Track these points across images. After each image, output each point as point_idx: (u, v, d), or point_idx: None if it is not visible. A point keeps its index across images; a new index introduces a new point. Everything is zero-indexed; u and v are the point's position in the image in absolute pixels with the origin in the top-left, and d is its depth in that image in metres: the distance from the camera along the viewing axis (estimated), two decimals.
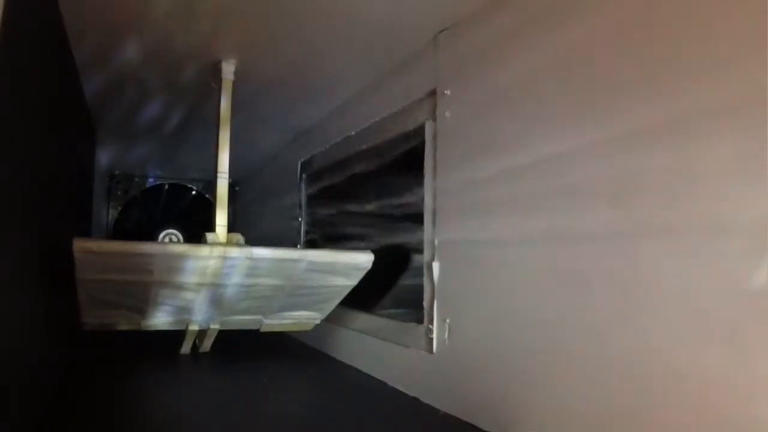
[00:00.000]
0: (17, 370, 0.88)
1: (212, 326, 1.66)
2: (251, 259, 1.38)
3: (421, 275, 1.38)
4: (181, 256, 1.33)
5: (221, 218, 1.58)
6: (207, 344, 1.78)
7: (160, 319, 1.56)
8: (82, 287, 1.34)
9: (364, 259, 1.50)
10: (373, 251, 1.52)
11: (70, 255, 1.21)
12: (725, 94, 0.73)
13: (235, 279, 1.43)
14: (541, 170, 1.03)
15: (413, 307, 1.40)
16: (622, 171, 0.87)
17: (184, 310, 1.54)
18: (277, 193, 2.67)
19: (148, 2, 1.22)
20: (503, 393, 1.08)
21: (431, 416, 1.24)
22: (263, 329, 1.71)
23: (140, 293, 1.43)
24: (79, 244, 1.20)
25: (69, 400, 1.30)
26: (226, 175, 1.62)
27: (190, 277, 1.39)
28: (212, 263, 1.36)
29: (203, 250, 1.35)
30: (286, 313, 1.68)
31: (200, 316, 1.60)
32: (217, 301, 1.53)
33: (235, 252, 1.37)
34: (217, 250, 1.35)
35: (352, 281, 1.56)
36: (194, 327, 1.64)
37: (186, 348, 1.79)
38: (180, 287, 1.43)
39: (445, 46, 1.34)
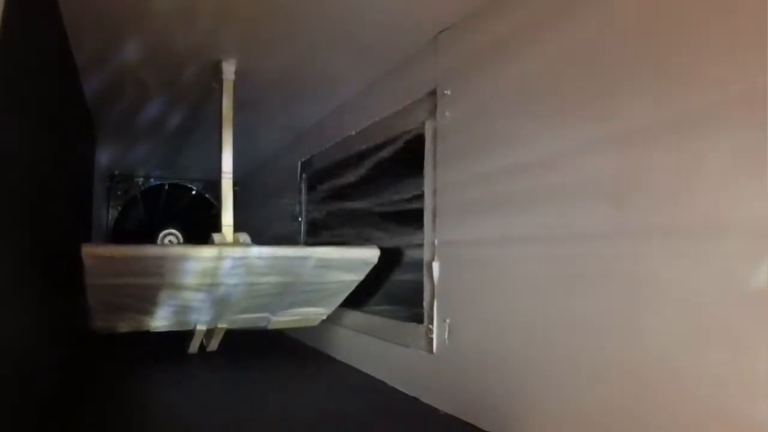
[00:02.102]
0: (18, 369, 0.88)
1: (220, 325, 1.67)
2: (260, 258, 1.38)
3: (413, 272, 1.38)
4: (191, 258, 1.33)
5: (227, 218, 1.59)
6: (214, 344, 1.79)
7: (169, 320, 1.56)
8: (92, 293, 1.33)
9: (371, 254, 1.51)
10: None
11: (70, 255, 1.21)
12: (725, 94, 0.73)
13: (245, 278, 1.44)
14: (541, 170, 1.03)
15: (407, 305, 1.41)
16: (621, 170, 0.87)
17: (192, 310, 1.55)
18: (277, 193, 2.67)
19: (148, 2, 1.22)
20: (503, 393, 1.08)
21: (431, 416, 1.24)
22: (270, 326, 1.72)
23: (150, 295, 1.43)
24: (88, 251, 1.18)
25: (71, 399, 1.30)
26: (230, 175, 1.62)
27: (199, 278, 1.39)
28: (222, 264, 1.37)
29: (213, 252, 1.35)
30: (294, 310, 1.69)
31: (208, 316, 1.61)
32: (225, 300, 1.53)
33: (243, 252, 1.37)
34: (227, 251, 1.35)
35: (359, 276, 1.57)
36: (202, 327, 1.64)
37: (194, 347, 1.79)
38: (189, 288, 1.43)
39: (445, 46, 1.34)
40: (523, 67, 1.10)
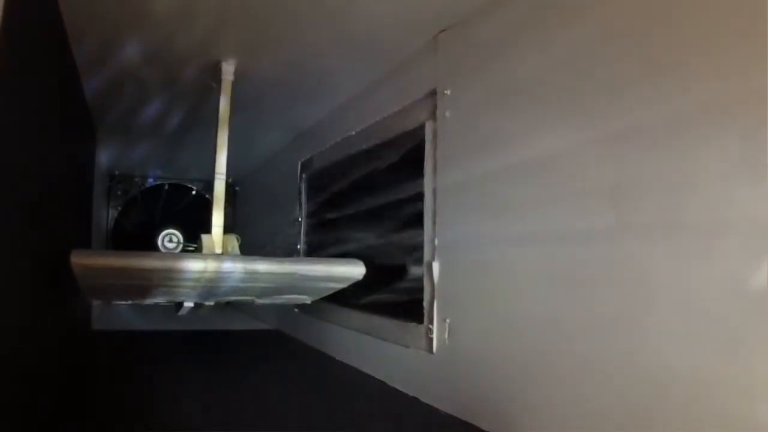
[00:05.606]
0: (18, 369, 0.88)
1: (207, 303, 1.69)
2: (245, 273, 1.39)
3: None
4: (178, 270, 1.34)
5: (218, 219, 1.59)
6: (205, 309, 1.81)
7: (159, 299, 1.59)
8: (84, 288, 1.38)
9: (357, 272, 1.49)
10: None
11: (69, 257, 1.21)
12: (725, 95, 0.73)
13: (231, 283, 1.45)
14: (541, 170, 1.03)
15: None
16: (622, 171, 0.87)
17: (182, 295, 1.57)
18: (277, 193, 2.67)
19: (148, 2, 1.22)
20: (503, 393, 1.08)
21: (431, 416, 1.24)
22: (256, 304, 1.76)
23: (138, 291, 1.46)
24: (77, 261, 1.19)
25: (71, 401, 1.30)
26: (224, 176, 1.62)
27: (187, 283, 1.41)
28: (207, 275, 1.37)
29: (198, 265, 1.35)
30: (278, 297, 1.72)
31: (197, 298, 1.63)
32: (213, 294, 1.55)
33: (229, 266, 1.37)
34: (212, 265, 1.35)
35: (344, 285, 1.57)
36: (190, 304, 1.66)
37: (183, 312, 1.80)
38: (177, 287, 1.44)
39: (445, 46, 1.34)
40: (523, 68, 1.09)
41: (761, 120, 0.68)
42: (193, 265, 1.34)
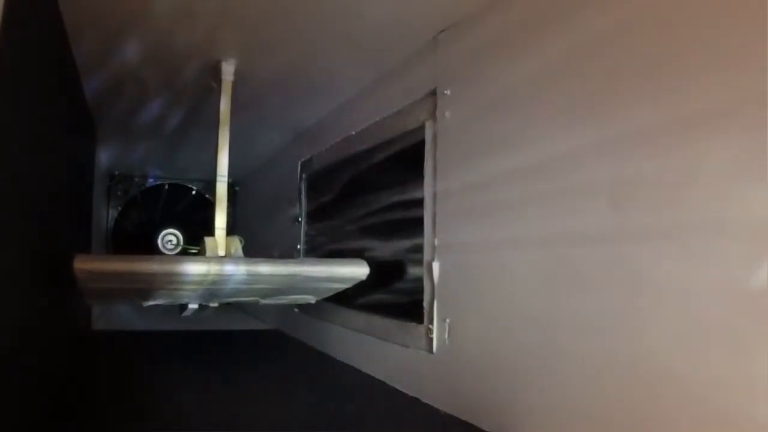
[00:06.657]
0: (17, 369, 0.88)
1: (211, 305, 1.69)
2: (248, 275, 1.39)
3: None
4: (181, 273, 1.34)
5: (220, 221, 1.59)
6: (208, 312, 1.81)
7: (161, 300, 1.59)
8: (83, 290, 1.37)
9: (361, 272, 1.49)
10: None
11: (70, 255, 1.21)
12: (725, 95, 0.73)
13: (234, 285, 1.45)
14: (541, 171, 1.03)
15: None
16: (622, 172, 0.87)
17: (185, 298, 1.57)
18: (277, 193, 2.67)
19: (148, 2, 1.22)
20: (503, 393, 1.08)
21: (432, 416, 1.24)
22: (260, 305, 1.76)
23: (141, 294, 1.45)
24: (80, 266, 1.20)
25: (70, 401, 1.30)
26: (226, 178, 1.62)
27: (189, 285, 1.41)
28: (210, 278, 1.38)
29: (201, 268, 1.35)
30: (283, 297, 1.72)
31: (201, 300, 1.63)
32: (216, 295, 1.55)
33: (232, 268, 1.37)
34: (215, 268, 1.35)
35: (348, 285, 1.57)
36: (194, 306, 1.66)
37: (188, 313, 1.80)
38: (180, 290, 1.44)
39: (445, 46, 1.34)
40: (523, 68, 1.09)
41: (761, 120, 0.68)
42: (197, 268, 1.34)
